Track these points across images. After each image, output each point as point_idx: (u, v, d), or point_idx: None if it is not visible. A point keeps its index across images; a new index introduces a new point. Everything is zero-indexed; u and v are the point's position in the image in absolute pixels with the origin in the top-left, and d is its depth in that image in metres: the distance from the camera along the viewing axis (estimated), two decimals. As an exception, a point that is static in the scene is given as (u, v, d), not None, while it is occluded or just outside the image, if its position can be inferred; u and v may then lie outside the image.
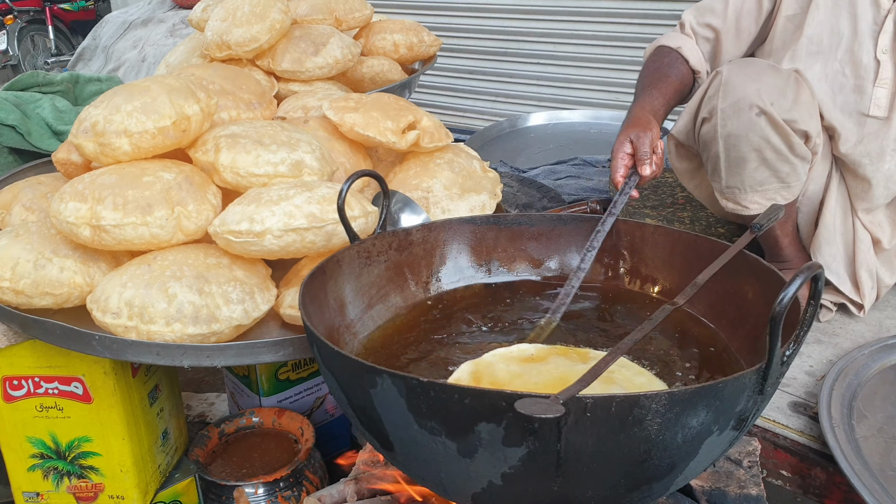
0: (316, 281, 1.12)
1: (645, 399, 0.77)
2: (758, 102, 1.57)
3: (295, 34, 2.10)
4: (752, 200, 1.67)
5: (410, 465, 0.95)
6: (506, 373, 1.06)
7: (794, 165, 1.63)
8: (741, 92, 1.58)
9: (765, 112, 1.57)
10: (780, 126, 1.58)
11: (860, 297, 1.79)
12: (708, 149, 1.68)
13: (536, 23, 4.13)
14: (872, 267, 1.78)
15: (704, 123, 1.67)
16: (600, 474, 0.83)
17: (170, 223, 1.31)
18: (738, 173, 1.65)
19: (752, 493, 1.12)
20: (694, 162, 1.86)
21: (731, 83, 1.60)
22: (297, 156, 1.44)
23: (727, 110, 1.60)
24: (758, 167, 1.63)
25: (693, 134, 1.74)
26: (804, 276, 0.80)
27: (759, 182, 1.65)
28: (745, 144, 1.60)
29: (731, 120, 1.60)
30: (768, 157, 1.61)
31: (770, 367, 0.83)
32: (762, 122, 1.58)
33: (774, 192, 1.66)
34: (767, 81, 1.59)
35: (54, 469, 1.59)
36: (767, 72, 1.62)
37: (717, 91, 1.61)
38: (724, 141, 1.62)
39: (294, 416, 1.87)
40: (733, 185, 1.68)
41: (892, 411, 1.45)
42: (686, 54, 1.83)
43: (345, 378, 0.92)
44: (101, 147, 1.37)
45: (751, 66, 1.64)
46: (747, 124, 1.58)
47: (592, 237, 1.33)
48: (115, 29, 4.65)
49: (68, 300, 1.34)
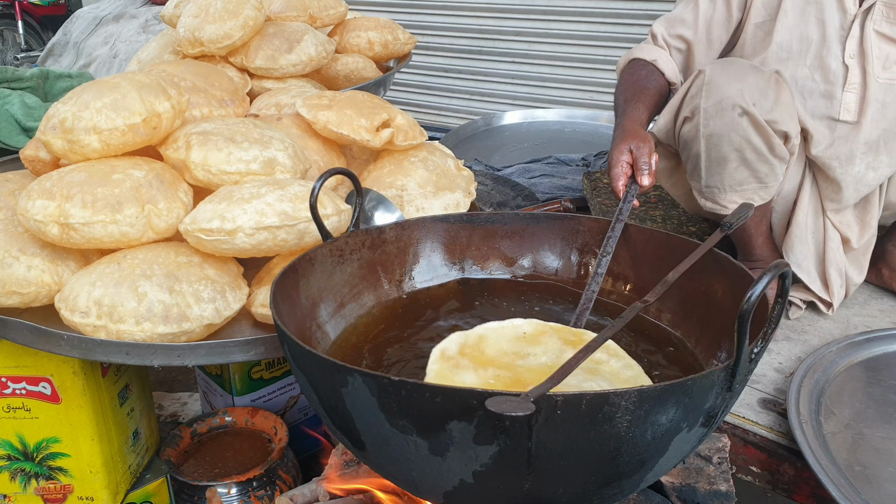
0: (288, 279, 1.11)
1: (614, 396, 0.77)
2: (740, 102, 1.58)
3: (269, 31, 2.08)
4: (730, 200, 1.69)
5: (382, 464, 0.95)
6: (495, 350, 1.05)
7: (773, 166, 1.65)
8: (724, 92, 1.59)
9: (747, 112, 1.58)
10: (762, 126, 1.59)
11: (829, 296, 1.81)
12: (689, 148, 1.69)
13: (511, 21, 4.14)
14: (842, 266, 1.81)
15: (686, 123, 1.68)
16: (571, 471, 0.84)
17: (140, 221, 1.30)
18: (718, 173, 1.66)
19: (722, 489, 1.13)
20: (672, 161, 1.88)
21: (713, 83, 1.61)
22: (269, 153, 1.43)
23: (710, 110, 1.61)
24: (738, 167, 1.64)
25: (673, 133, 1.75)
26: (772, 274, 0.81)
27: (738, 182, 1.66)
28: (726, 144, 1.61)
29: (714, 119, 1.61)
30: (749, 158, 1.62)
31: (738, 364, 0.84)
32: (744, 122, 1.59)
33: (752, 192, 1.68)
34: (750, 82, 1.60)
35: (21, 471, 1.57)
36: (750, 72, 1.63)
37: (700, 90, 1.62)
38: (706, 140, 1.63)
39: (267, 415, 1.86)
40: (713, 185, 1.69)
41: (859, 407, 1.47)
42: (661, 67, 1.83)
43: (316, 377, 0.92)
44: (69, 144, 1.36)
45: (733, 66, 1.65)
46: (729, 124, 1.60)
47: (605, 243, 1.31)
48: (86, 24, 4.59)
49: (36, 299, 1.32)
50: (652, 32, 1.90)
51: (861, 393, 1.52)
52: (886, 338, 1.68)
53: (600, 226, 1.35)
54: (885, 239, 1.93)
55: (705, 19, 1.83)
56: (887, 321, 1.84)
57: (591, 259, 1.35)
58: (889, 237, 1.94)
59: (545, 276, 1.37)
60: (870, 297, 1.95)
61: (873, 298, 1.95)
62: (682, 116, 1.69)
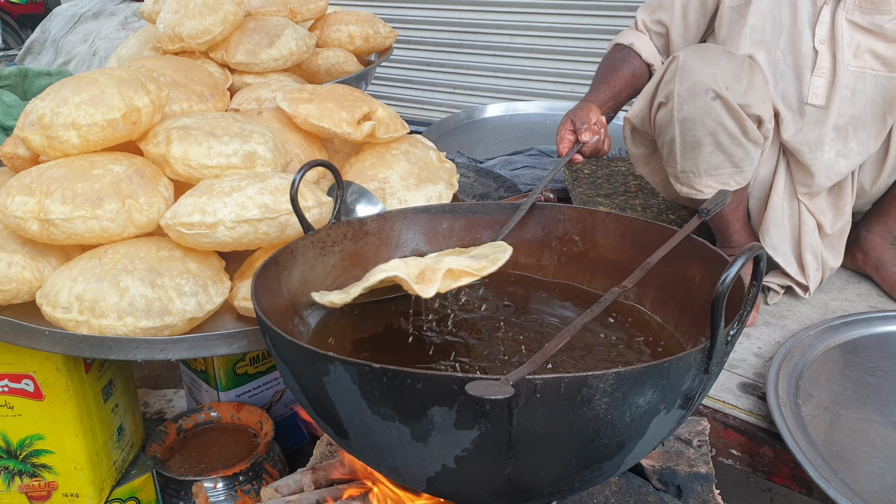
0: (269, 271, 1.12)
1: (592, 379, 0.78)
2: (713, 86, 1.60)
3: (249, 26, 2.08)
4: (706, 184, 1.71)
5: (365, 451, 0.95)
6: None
7: (748, 150, 1.67)
8: (697, 76, 1.62)
9: (720, 96, 1.60)
10: (735, 110, 1.61)
11: (805, 279, 1.83)
12: (664, 133, 1.71)
13: (492, 14, 4.14)
14: (817, 250, 1.83)
15: (661, 108, 1.70)
16: (551, 454, 0.85)
17: (120, 216, 1.30)
18: (692, 157, 1.68)
19: (702, 472, 1.15)
20: (649, 148, 1.90)
21: (687, 67, 1.63)
22: (249, 147, 1.44)
23: (683, 94, 1.63)
24: (712, 151, 1.66)
25: (649, 118, 1.77)
26: (746, 257, 0.82)
27: (713, 166, 1.68)
28: (700, 128, 1.64)
29: (688, 104, 1.63)
30: (723, 142, 1.64)
31: (714, 346, 0.86)
32: (717, 106, 1.61)
33: (728, 177, 1.70)
34: (723, 66, 1.63)
35: (5, 469, 1.56)
36: (723, 57, 1.65)
37: (674, 76, 1.65)
38: (680, 125, 1.65)
39: (253, 410, 1.87)
40: (688, 170, 1.71)
41: (837, 390, 1.49)
42: (638, 49, 1.91)
43: (298, 367, 0.93)
44: (48, 140, 1.35)
45: (707, 51, 1.68)
46: (703, 108, 1.62)
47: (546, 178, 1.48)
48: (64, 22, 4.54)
49: (17, 296, 1.32)
50: (635, 19, 1.98)
51: (839, 375, 1.54)
52: (863, 321, 1.71)
53: (580, 214, 1.36)
54: (859, 225, 1.96)
55: (682, 4, 1.88)
56: (864, 305, 1.86)
57: (573, 247, 1.36)
58: (863, 223, 1.96)
59: (526, 264, 1.37)
60: (847, 281, 1.98)
61: (851, 283, 1.97)
62: (657, 102, 1.71)
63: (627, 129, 1.89)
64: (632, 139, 1.91)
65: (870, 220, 1.96)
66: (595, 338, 1.14)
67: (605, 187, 2.27)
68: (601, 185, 2.29)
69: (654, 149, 1.88)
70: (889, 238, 1.93)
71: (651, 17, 1.94)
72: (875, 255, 1.94)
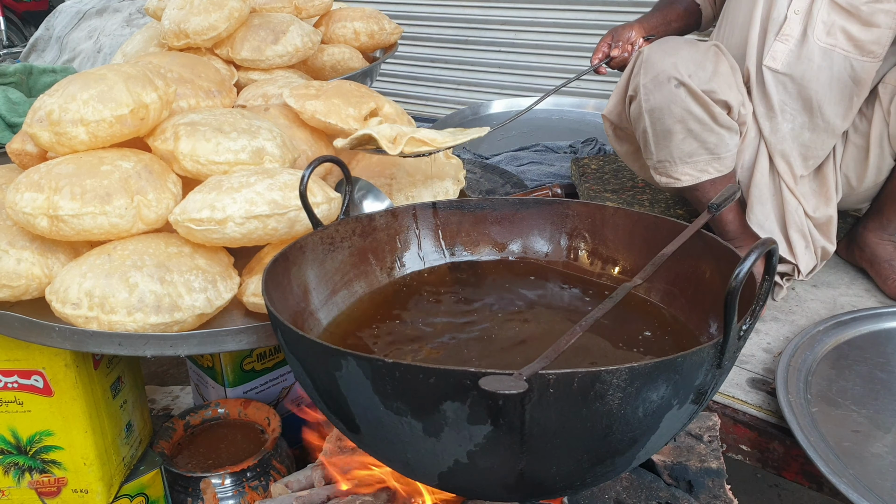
0: (279, 267, 1.12)
1: (606, 374, 0.78)
2: (675, 74, 1.65)
3: (254, 22, 2.08)
4: (683, 172, 1.73)
5: (377, 446, 0.95)
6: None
7: (721, 136, 1.69)
8: (659, 66, 1.67)
9: (683, 83, 1.65)
10: (700, 96, 1.65)
11: (794, 258, 1.82)
12: (637, 125, 1.77)
13: (497, 10, 4.14)
14: (804, 228, 1.82)
15: (632, 102, 1.76)
16: (564, 449, 0.85)
17: (129, 212, 1.30)
18: (665, 146, 1.72)
19: (713, 467, 1.14)
20: (633, 144, 1.92)
21: (650, 60, 1.69)
22: (257, 143, 1.43)
23: (648, 85, 1.69)
24: (684, 139, 1.69)
25: (625, 114, 1.83)
26: (759, 252, 0.82)
27: (687, 154, 1.71)
28: (668, 116, 1.68)
29: (653, 94, 1.68)
30: (693, 128, 1.68)
31: (727, 341, 0.85)
32: (682, 93, 1.66)
33: (705, 164, 1.72)
34: (683, 55, 1.67)
35: (15, 465, 1.57)
36: (684, 46, 1.71)
37: (640, 69, 1.72)
38: (649, 115, 1.70)
39: (260, 406, 1.86)
40: (664, 159, 1.74)
41: (846, 385, 1.49)
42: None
43: (310, 362, 0.93)
44: (56, 136, 1.35)
45: (668, 42, 1.74)
46: (668, 96, 1.66)
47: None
48: (69, 19, 4.55)
49: (26, 292, 1.32)
50: None
51: (848, 371, 1.53)
52: (872, 317, 1.70)
53: (589, 210, 1.36)
54: (859, 222, 1.97)
55: None
56: (873, 300, 1.86)
57: (581, 242, 1.36)
58: (862, 220, 1.97)
59: (535, 259, 1.37)
60: (856, 277, 1.98)
61: (859, 278, 1.97)
62: (628, 96, 1.77)
63: (608, 126, 1.93)
64: (615, 137, 1.95)
65: (867, 217, 1.97)
66: (607, 333, 1.14)
67: (613, 182, 2.27)
68: (608, 180, 2.29)
69: (637, 145, 1.89)
70: (883, 234, 1.93)
71: None
72: (869, 251, 1.95)
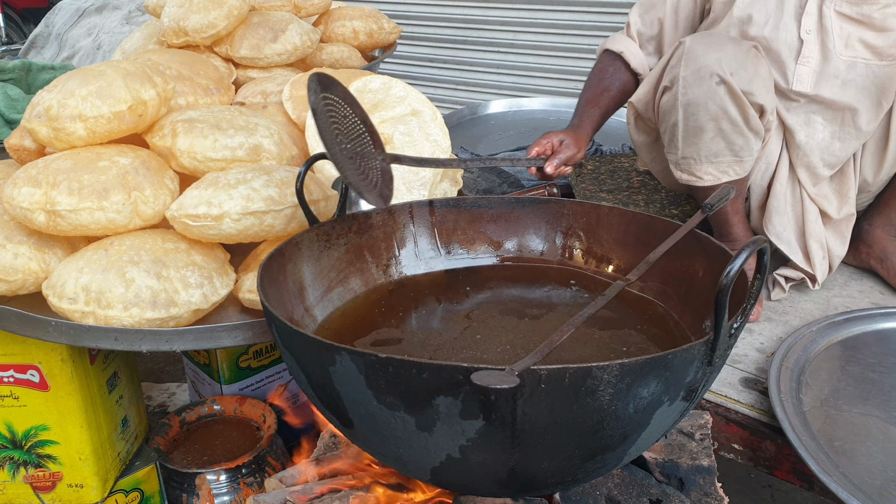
0: (275, 263, 1.12)
1: (597, 369, 0.79)
2: (718, 71, 1.61)
3: (253, 20, 2.08)
4: (706, 171, 1.72)
5: (370, 441, 0.96)
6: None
7: (748, 139, 1.68)
8: (703, 60, 1.63)
9: (724, 81, 1.61)
10: (739, 97, 1.62)
11: (811, 268, 1.83)
12: (667, 118, 1.72)
13: (496, 11, 4.14)
14: (822, 238, 1.83)
15: (665, 92, 1.71)
16: (556, 445, 0.86)
17: (127, 208, 1.30)
18: (694, 143, 1.69)
19: (704, 464, 1.15)
20: (651, 135, 1.91)
21: (693, 52, 1.64)
22: (255, 140, 1.44)
23: (688, 78, 1.64)
24: (714, 137, 1.67)
25: (653, 104, 1.79)
26: (750, 250, 0.83)
27: (714, 153, 1.69)
28: (703, 113, 1.64)
29: (692, 87, 1.64)
30: (724, 128, 1.65)
31: (718, 338, 0.86)
32: (721, 91, 1.62)
33: (727, 166, 1.71)
34: (728, 51, 1.63)
35: (10, 459, 1.57)
36: (728, 43, 1.66)
37: (680, 60, 1.66)
38: (684, 109, 1.66)
39: (256, 403, 1.87)
40: (689, 156, 1.72)
41: (837, 385, 1.50)
42: (627, 58, 1.94)
43: (304, 357, 0.93)
44: (55, 132, 1.35)
45: (713, 37, 1.69)
46: (707, 92, 1.63)
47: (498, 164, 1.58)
48: (68, 16, 4.55)
49: (23, 287, 1.32)
50: (627, 21, 1.99)
51: (840, 371, 1.54)
52: (865, 318, 1.71)
53: (584, 209, 1.37)
54: (861, 219, 1.96)
55: (673, 2, 1.92)
56: (866, 301, 1.87)
57: (576, 241, 1.37)
58: (865, 217, 1.97)
59: (530, 258, 1.38)
60: (850, 278, 1.98)
61: (853, 279, 1.98)
62: (661, 86, 1.73)
63: (631, 114, 1.90)
64: (635, 125, 1.92)
65: (872, 213, 1.97)
66: (598, 329, 1.15)
67: (609, 183, 2.27)
68: (604, 180, 2.29)
69: (656, 136, 1.89)
70: (892, 230, 1.94)
71: (644, 18, 1.95)
72: (879, 248, 1.95)
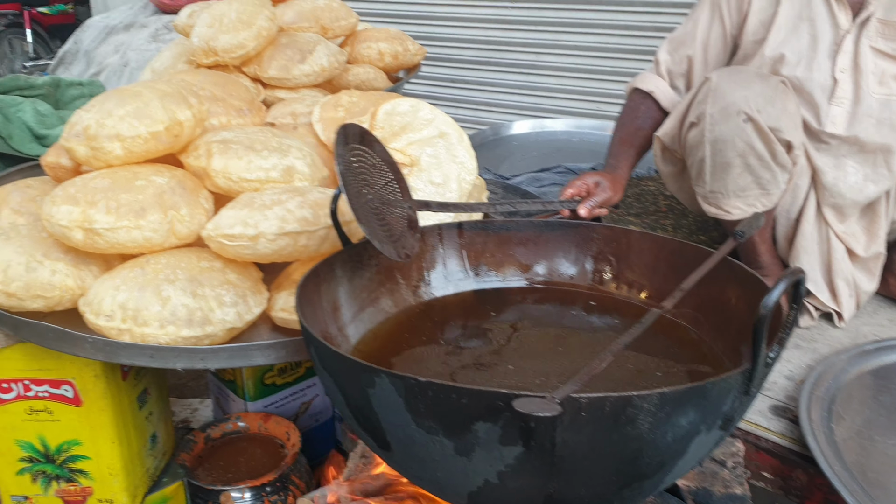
0: (310, 283, 1.13)
1: (637, 399, 0.79)
2: (745, 109, 1.61)
3: (281, 41, 2.11)
4: (734, 206, 1.71)
5: (407, 464, 0.96)
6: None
7: (775, 173, 1.67)
8: (730, 97, 1.62)
9: (751, 119, 1.61)
10: (766, 133, 1.62)
11: (838, 305, 1.83)
12: (694, 153, 1.72)
13: (519, 33, 4.17)
14: (849, 276, 1.83)
15: (692, 128, 1.71)
16: (594, 472, 0.86)
17: (163, 227, 1.32)
18: (722, 178, 1.69)
19: (737, 493, 1.15)
20: (678, 166, 1.91)
21: (720, 89, 1.64)
22: (288, 161, 1.46)
23: (716, 115, 1.64)
24: (741, 173, 1.66)
25: (679, 138, 1.78)
26: (787, 281, 0.83)
27: (741, 188, 1.69)
28: (730, 150, 1.64)
29: (719, 125, 1.64)
30: (751, 163, 1.65)
31: (755, 368, 0.86)
32: (749, 128, 1.62)
33: (755, 199, 1.70)
34: (756, 89, 1.63)
35: (43, 473, 1.58)
36: (756, 80, 1.66)
37: (707, 96, 1.66)
38: (711, 146, 1.66)
39: (280, 420, 1.87)
40: (717, 190, 1.71)
41: (869, 414, 1.49)
42: (658, 97, 1.94)
43: (343, 378, 0.94)
44: (92, 151, 1.38)
45: (740, 73, 1.68)
46: (734, 130, 1.62)
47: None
48: (96, 33, 4.63)
49: (60, 303, 1.34)
50: (656, 58, 1.99)
51: (872, 401, 1.53)
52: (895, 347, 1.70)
53: (614, 233, 1.37)
54: (891, 250, 1.95)
55: (703, 39, 1.90)
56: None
57: (606, 266, 1.37)
58: (894, 247, 1.96)
59: (560, 282, 1.39)
60: (878, 306, 1.97)
61: (882, 308, 1.96)
62: (688, 122, 1.72)
63: (658, 147, 1.90)
64: (662, 157, 1.92)
65: None
66: (636, 356, 1.15)
67: (636, 206, 2.28)
68: (631, 203, 2.30)
69: (682, 167, 1.89)
70: None
71: (674, 56, 1.95)
72: None
